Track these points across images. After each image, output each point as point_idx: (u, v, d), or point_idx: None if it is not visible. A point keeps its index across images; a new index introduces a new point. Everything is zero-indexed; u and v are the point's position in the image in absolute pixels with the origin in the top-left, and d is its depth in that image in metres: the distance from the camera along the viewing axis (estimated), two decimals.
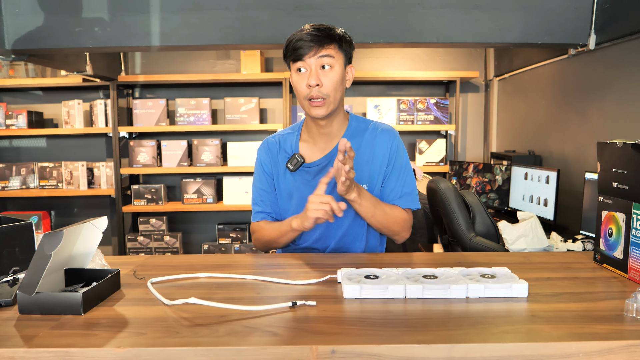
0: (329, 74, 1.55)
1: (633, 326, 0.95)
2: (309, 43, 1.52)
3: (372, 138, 1.69)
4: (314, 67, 1.54)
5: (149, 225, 4.33)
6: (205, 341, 0.89)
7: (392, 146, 1.68)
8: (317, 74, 1.54)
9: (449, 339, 0.89)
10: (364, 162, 1.67)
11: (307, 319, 0.99)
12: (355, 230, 1.68)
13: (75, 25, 2.81)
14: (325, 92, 1.55)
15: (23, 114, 4.19)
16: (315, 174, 1.67)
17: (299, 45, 1.54)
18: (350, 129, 1.70)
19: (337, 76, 1.56)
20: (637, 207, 1.22)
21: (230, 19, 2.79)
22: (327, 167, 1.65)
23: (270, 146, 1.76)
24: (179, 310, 1.04)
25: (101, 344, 0.89)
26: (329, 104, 1.57)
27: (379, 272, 1.20)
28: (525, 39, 2.75)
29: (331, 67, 1.55)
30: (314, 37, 1.52)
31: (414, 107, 4.11)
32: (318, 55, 1.53)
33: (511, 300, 1.09)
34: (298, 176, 1.68)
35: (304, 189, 1.66)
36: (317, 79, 1.53)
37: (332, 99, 1.57)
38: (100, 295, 1.13)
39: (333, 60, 1.55)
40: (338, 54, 1.56)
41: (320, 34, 1.53)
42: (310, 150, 1.70)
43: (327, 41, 1.54)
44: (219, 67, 4.44)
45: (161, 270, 1.35)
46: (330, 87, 1.55)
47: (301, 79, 1.56)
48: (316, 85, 1.53)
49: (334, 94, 1.56)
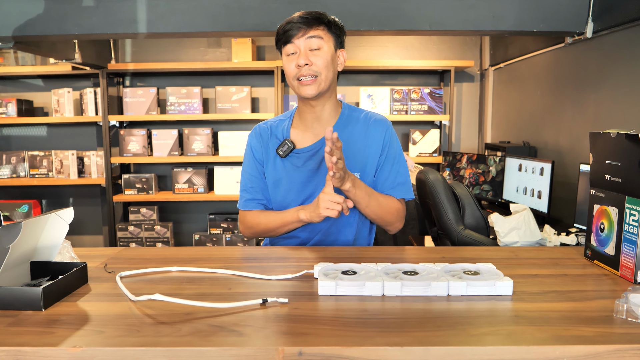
0: (318, 54, 1.55)
1: (623, 329, 0.89)
2: (298, 24, 1.54)
3: (365, 127, 1.67)
4: (302, 48, 1.55)
5: (140, 215, 4.28)
6: (166, 341, 0.84)
7: (386, 136, 1.66)
8: (306, 54, 1.55)
9: (425, 341, 0.84)
10: (357, 151, 1.64)
11: (277, 318, 0.93)
12: (346, 218, 1.64)
13: (60, 11, 2.74)
14: (315, 70, 1.55)
15: (13, 102, 4.11)
16: (306, 160, 1.64)
17: (288, 27, 1.56)
18: (343, 117, 1.68)
19: (327, 56, 1.56)
20: (630, 201, 1.16)
21: (218, 5, 2.72)
22: (319, 152, 1.63)
23: (261, 132, 1.73)
24: (143, 307, 0.99)
25: (57, 343, 0.84)
26: (319, 83, 1.56)
27: (357, 268, 1.14)
28: (521, 26, 2.68)
29: (320, 48, 1.56)
30: (303, 19, 1.54)
31: (407, 97, 4.04)
32: (307, 36, 1.54)
33: (495, 299, 1.03)
34: (288, 162, 1.65)
35: (293, 174, 1.64)
36: (306, 58, 1.54)
37: (324, 78, 1.56)
38: (64, 289, 1.08)
39: (322, 41, 1.56)
40: (327, 36, 1.57)
41: (309, 17, 1.55)
42: (301, 137, 1.67)
43: (316, 23, 1.55)
44: (210, 56, 4.37)
45: (133, 264, 1.30)
46: (322, 66, 1.55)
47: (290, 60, 1.57)
48: (305, 64, 1.54)
49: (325, 72, 1.56)
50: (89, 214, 4.53)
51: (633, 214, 1.15)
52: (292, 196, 1.65)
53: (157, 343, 0.83)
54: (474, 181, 3.59)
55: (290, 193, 1.65)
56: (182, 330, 0.88)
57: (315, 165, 1.64)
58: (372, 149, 1.65)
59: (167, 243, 4.27)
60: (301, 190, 1.64)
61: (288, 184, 1.65)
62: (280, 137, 1.69)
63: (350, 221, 1.65)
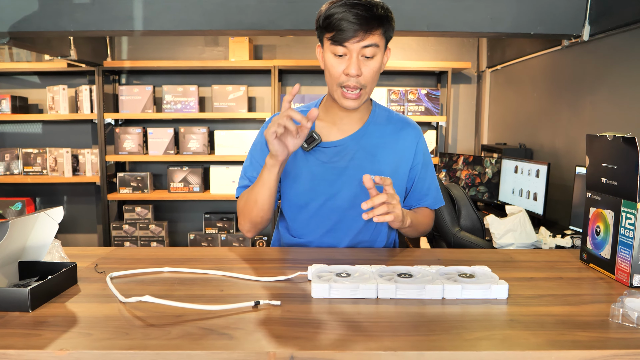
0: (370, 64, 1.38)
1: (618, 334, 0.88)
2: (355, 26, 1.32)
3: (397, 129, 1.57)
4: (355, 55, 1.36)
5: (135, 213, 4.25)
6: (155, 344, 0.82)
7: (419, 143, 1.58)
8: (358, 62, 1.36)
9: (419, 345, 0.82)
10: (388, 152, 1.54)
11: (269, 321, 0.92)
12: (374, 224, 1.55)
13: (56, 7, 2.72)
14: (363, 83, 1.40)
15: (7, 98, 4.09)
16: (332, 155, 1.52)
17: (342, 26, 1.33)
18: (374, 116, 1.57)
19: (378, 65, 1.41)
20: (626, 204, 1.15)
21: (215, 3, 2.70)
22: (347, 149, 1.52)
23: None
24: (133, 309, 0.97)
25: (43, 346, 0.82)
26: (363, 96, 1.43)
27: (351, 270, 1.13)
28: (518, 28, 2.67)
29: (373, 56, 1.38)
30: (361, 19, 1.32)
31: (404, 98, 4.03)
32: (363, 45, 1.35)
33: (490, 302, 1.02)
34: (311, 156, 1.52)
35: (316, 169, 1.52)
36: (357, 69, 1.36)
37: (368, 90, 1.44)
38: (53, 290, 1.06)
39: (377, 49, 1.38)
40: (382, 41, 1.39)
41: (368, 15, 1.32)
42: (327, 130, 1.54)
43: (375, 25, 1.34)
44: (206, 54, 4.35)
45: (125, 264, 1.28)
46: (370, 78, 1.40)
47: (338, 64, 1.39)
48: (356, 75, 1.38)
49: (371, 84, 1.43)
50: (83, 212, 4.50)
51: (629, 218, 1.14)
52: (313, 194, 1.53)
53: (146, 346, 0.81)
54: (470, 182, 3.59)
55: (311, 191, 1.52)
56: (172, 333, 0.86)
57: (342, 162, 1.52)
58: (404, 154, 1.56)
59: (162, 242, 4.25)
60: (325, 189, 1.52)
61: (310, 180, 1.52)
62: None
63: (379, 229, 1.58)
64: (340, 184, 1.51)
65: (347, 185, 1.51)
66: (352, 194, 1.51)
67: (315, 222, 1.55)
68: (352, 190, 1.51)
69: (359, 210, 1.49)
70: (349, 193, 1.51)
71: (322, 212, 1.54)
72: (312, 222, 1.55)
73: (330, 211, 1.53)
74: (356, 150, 1.52)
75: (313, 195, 1.53)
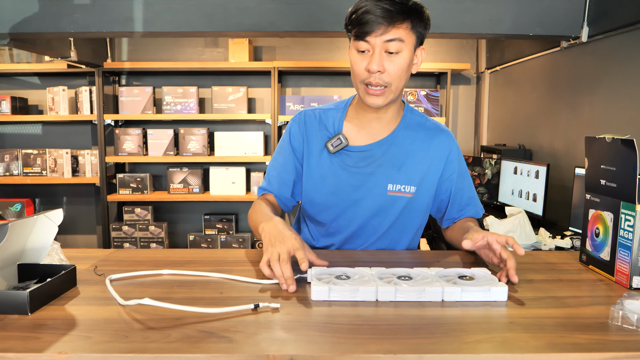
0: (395, 60, 1.31)
1: (618, 336, 0.88)
2: (378, 19, 1.26)
3: (429, 137, 1.50)
4: (378, 50, 1.29)
5: (134, 214, 4.26)
6: (154, 347, 0.82)
7: (452, 152, 1.52)
8: (380, 58, 1.30)
9: (418, 348, 0.82)
10: (417, 161, 1.48)
11: (269, 323, 0.92)
12: (395, 233, 1.53)
13: (56, 9, 2.72)
14: (387, 80, 1.32)
15: (7, 99, 4.09)
16: (358, 160, 1.47)
17: (365, 19, 1.27)
18: (405, 121, 1.50)
19: (404, 62, 1.32)
20: (625, 206, 1.15)
21: (215, 5, 2.70)
22: (374, 154, 1.47)
23: (307, 119, 1.53)
24: (132, 312, 0.97)
25: (42, 349, 0.82)
26: (388, 94, 1.35)
27: (351, 272, 1.13)
28: (517, 30, 2.68)
29: (398, 52, 1.30)
30: (385, 12, 1.25)
31: (404, 99, 4.02)
32: (385, 39, 1.28)
33: (489, 305, 1.02)
34: (336, 159, 1.48)
35: (341, 173, 1.48)
36: (380, 64, 1.30)
37: (394, 88, 1.35)
38: (52, 293, 1.06)
39: (402, 44, 1.29)
40: (409, 36, 1.30)
41: (393, 9, 1.26)
42: (355, 133, 1.49)
43: (400, 18, 1.27)
44: (206, 55, 4.36)
45: (124, 266, 1.28)
46: (395, 75, 1.32)
47: (361, 60, 1.33)
48: (378, 71, 1.31)
49: (397, 82, 1.34)
50: (82, 213, 4.50)
51: (628, 219, 1.14)
52: (336, 198, 1.49)
53: (145, 349, 0.81)
54: None
55: (334, 195, 1.49)
56: (171, 336, 0.86)
57: (368, 168, 1.47)
58: (434, 162, 1.50)
59: (162, 243, 4.25)
60: (349, 194, 1.48)
61: (333, 184, 1.48)
62: (330, 128, 1.50)
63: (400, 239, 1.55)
64: (364, 191, 1.48)
65: (371, 192, 1.48)
66: (375, 201, 1.48)
67: (336, 226, 1.53)
68: (376, 198, 1.48)
69: (381, 219, 1.50)
70: (373, 200, 1.48)
71: (345, 218, 1.51)
72: (333, 226, 1.53)
73: (352, 217, 1.50)
74: (383, 157, 1.48)
75: (336, 199, 1.49)
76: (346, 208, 1.50)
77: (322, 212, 1.53)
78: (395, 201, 1.48)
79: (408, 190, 1.48)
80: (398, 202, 1.49)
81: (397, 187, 1.47)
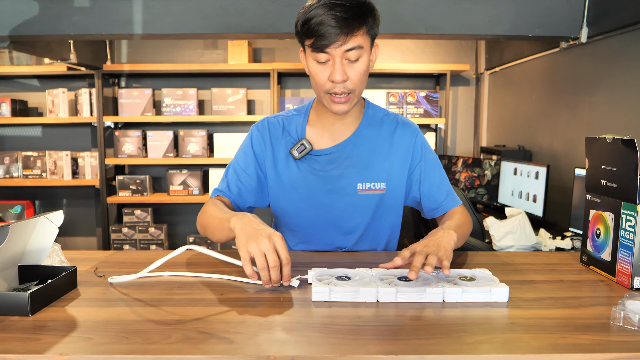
0: (356, 66, 1.30)
1: (619, 337, 0.88)
2: (335, 30, 1.23)
3: (391, 131, 1.50)
4: (338, 60, 1.28)
5: (134, 216, 4.25)
6: (155, 348, 0.82)
7: (417, 142, 1.50)
8: (342, 67, 1.28)
9: (419, 349, 0.82)
10: (383, 157, 1.47)
11: (270, 324, 0.92)
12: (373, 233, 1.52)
13: (56, 11, 2.72)
14: (351, 87, 1.32)
15: (7, 102, 4.09)
16: (325, 164, 1.46)
17: (321, 31, 1.24)
18: (367, 118, 1.50)
19: (364, 67, 1.32)
20: (626, 206, 1.15)
21: (214, 7, 2.70)
22: (339, 157, 1.46)
23: (270, 127, 1.50)
24: (133, 313, 0.97)
25: (43, 350, 0.82)
26: (352, 99, 1.35)
27: (351, 273, 1.13)
28: (516, 31, 2.68)
29: (359, 58, 1.30)
30: (341, 22, 1.22)
31: (403, 100, 4.04)
32: (345, 49, 1.26)
33: (490, 306, 1.02)
34: (304, 164, 1.46)
35: (310, 178, 1.46)
36: (343, 74, 1.29)
37: (358, 93, 1.35)
38: (53, 294, 1.05)
39: (362, 51, 1.29)
40: (366, 40, 1.30)
41: (348, 16, 1.23)
42: (319, 137, 1.48)
43: (356, 25, 1.25)
44: (206, 57, 4.36)
45: (124, 268, 1.28)
46: (357, 81, 1.32)
47: (322, 70, 1.31)
48: (342, 81, 1.30)
49: (360, 87, 1.34)
50: (82, 215, 4.50)
51: (629, 220, 1.14)
52: (308, 204, 1.47)
53: (146, 350, 0.81)
54: (469, 185, 3.59)
55: (307, 200, 1.47)
56: (172, 337, 0.86)
57: (336, 170, 1.46)
58: (398, 156, 1.48)
59: (161, 245, 4.25)
60: (320, 198, 1.47)
61: (305, 190, 1.47)
62: (294, 134, 1.48)
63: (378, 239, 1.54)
64: (335, 193, 1.46)
65: (342, 194, 1.46)
66: (347, 203, 1.47)
67: (312, 233, 1.51)
68: (348, 199, 1.46)
69: (356, 220, 1.48)
70: (345, 202, 1.47)
71: (319, 222, 1.49)
72: (309, 233, 1.51)
73: (326, 221, 1.49)
74: (349, 158, 1.47)
75: (309, 204, 1.48)
76: (319, 213, 1.48)
77: (295, 219, 1.51)
78: (368, 200, 1.47)
79: (378, 187, 1.47)
80: (370, 200, 1.47)
81: (367, 185, 1.46)
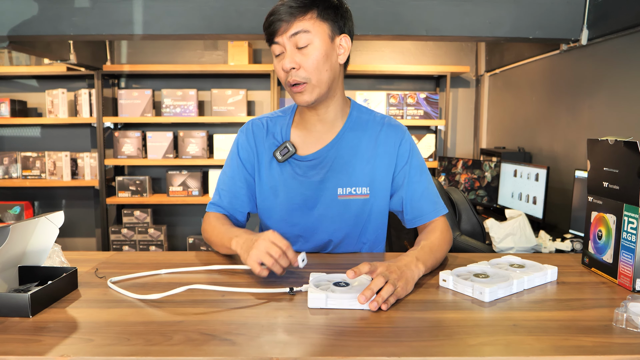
0: (306, 52, 1.28)
1: (622, 338, 0.88)
2: (280, 16, 1.25)
3: (376, 133, 1.45)
4: (288, 48, 1.28)
5: (133, 217, 4.24)
6: (156, 350, 0.81)
7: (403, 145, 1.45)
8: (292, 54, 1.28)
9: (422, 351, 0.82)
10: (365, 161, 1.43)
11: (272, 326, 0.91)
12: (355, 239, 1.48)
13: (56, 12, 2.72)
14: (304, 76, 1.30)
15: (6, 102, 4.08)
16: (307, 170, 1.44)
17: (269, 21, 1.28)
18: (351, 120, 1.46)
19: (317, 53, 1.29)
20: (628, 208, 1.15)
21: (215, 7, 2.70)
22: (324, 162, 1.43)
23: (255, 129, 1.49)
24: (133, 314, 0.97)
25: (43, 352, 0.81)
26: (312, 89, 1.32)
27: (350, 279, 1.12)
28: (516, 33, 2.68)
29: (308, 45, 1.28)
30: (287, 9, 1.25)
31: (403, 102, 4.04)
32: (290, 33, 1.26)
33: (493, 307, 1.02)
34: (287, 168, 1.44)
35: (291, 182, 1.44)
36: (291, 61, 1.28)
37: (316, 82, 1.31)
38: (53, 295, 1.05)
39: (309, 35, 1.27)
40: (317, 25, 1.28)
41: (295, 4, 1.26)
42: (303, 139, 1.46)
43: (301, 12, 1.26)
44: (206, 58, 4.35)
45: (125, 269, 1.27)
46: (311, 69, 1.29)
47: (278, 63, 1.32)
48: (292, 68, 1.29)
49: (316, 76, 1.30)
50: (81, 216, 4.49)
51: (631, 222, 1.14)
52: (291, 207, 1.45)
53: (148, 352, 0.81)
54: (469, 186, 3.59)
55: (289, 203, 1.44)
56: (173, 338, 0.86)
57: (317, 176, 1.43)
58: (384, 158, 1.44)
59: (161, 246, 4.24)
60: (302, 204, 1.44)
61: (286, 194, 1.44)
62: (278, 137, 1.47)
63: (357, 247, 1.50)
64: (315, 199, 1.44)
65: (322, 199, 1.44)
66: (328, 208, 1.44)
67: (294, 239, 1.48)
68: (328, 205, 1.44)
69: (339, 225, 1.45)
70: (325, 208, 1.44)
71: (299, 227, 1.47)
72: (291, 239, 1.45)
73: (307, 226, 1.46)
74: (332, 162, 1.43)
75: (291, 208, 1.45)
76: (300, 218, 1.46)
77: (278, 223, 1.48)
78: (349, 205, 1.44)
79: (360, 192, 1.43)
80: (352, 205, 1.44)
81: (348, 190, 1.43)
